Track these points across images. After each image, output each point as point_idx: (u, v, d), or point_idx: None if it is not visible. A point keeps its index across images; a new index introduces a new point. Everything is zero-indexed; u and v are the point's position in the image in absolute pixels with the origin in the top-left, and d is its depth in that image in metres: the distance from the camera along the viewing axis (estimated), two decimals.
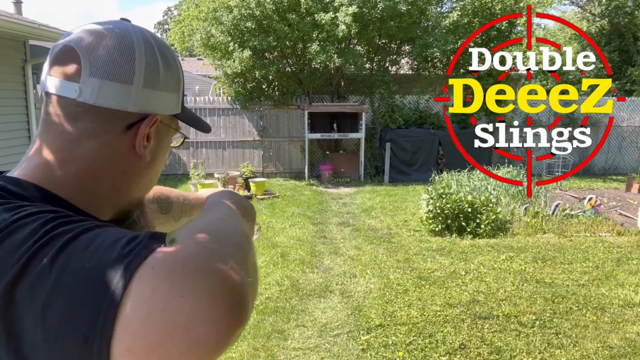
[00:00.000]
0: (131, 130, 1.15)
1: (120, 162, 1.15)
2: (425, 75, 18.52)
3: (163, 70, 1.18)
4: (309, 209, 13.05)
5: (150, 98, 1.16)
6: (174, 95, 1.23)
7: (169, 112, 1.23)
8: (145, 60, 1.14)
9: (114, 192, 1.17)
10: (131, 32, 1.16)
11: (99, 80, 1.10)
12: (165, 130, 1.24)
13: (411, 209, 12.93)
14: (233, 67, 16.58)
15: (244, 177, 15.56)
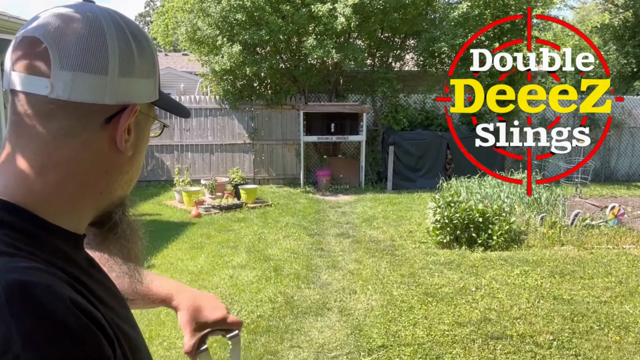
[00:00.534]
0: (110, 123, 1.15)
1: (101, 160, 1.15)
2: (432, 72, 18.56)
3: (137, 55, 1.17)
4: (305, 219, 13.05)
5: (127, 87, 1.15)
6: (151, 81, 1.22)
7: (147, 100, 1.23)
8: (118, 47, 1.13)
9: (96, 194, 1.17)
10: (99, 15, 1.14)
11: (71, 73, 1.09)
12: (145, 120, 1.24)
13: (417, 218, 12.93)
14: (221, 63, 16.60)
15: (233, 183, 15.57)
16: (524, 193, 12.24)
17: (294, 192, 17.02)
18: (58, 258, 1.08)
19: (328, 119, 17.55)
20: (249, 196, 14.76)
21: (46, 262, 1.03)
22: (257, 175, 18.71)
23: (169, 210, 14.06)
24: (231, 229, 12.03)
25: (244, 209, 14.09)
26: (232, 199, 14.56)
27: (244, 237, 11.20)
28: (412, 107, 19.00)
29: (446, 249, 10.25)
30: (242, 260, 9.55)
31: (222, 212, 13.75)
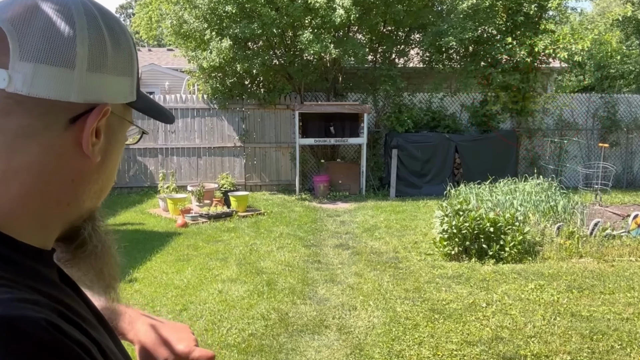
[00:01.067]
0: (76, 124, 1.09)
1: (66, 166, 1.10)
2: (439, 69, 18.59)
3: (111, 48, 1.13)
4: (301, 229, 13.05)
5: (98, 84, 1.11)
6: (127, 79, 1.18)
7: (122, 101, 1.18)
8: (88, 37, 1.09)
9: (63, 206, 1.12)
10: (69, 1, 1.10)
11: (32, 65, 1.04)
12: (118, 123, 1.19)
13: (422, 228, 12.95)
14: (210, 59, 16.61)
15: (222, 190, 15.57)
16: (538, 201, 12.26)
17: (289, 199, 17.03)
18: (38, 282, 1.04)
19: (326, 120, 17.57)
20: (240, 204, 14.77)
21: (29, 289, 1.00)
22: (248, 181, 18.73)
23: (152, 219, 14.05)
24: (220, 239, 12.02)
25: (235, 217, 14.09)
26: (221, 207, 14.57)
27: (234, 249, 11.20)
28: (417, 107, 19.04)
29: (454, 262, 10.26)
30: (232, 274, 9.55)
31: (210, 221, 13.75)
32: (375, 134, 18.91)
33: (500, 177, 14.78)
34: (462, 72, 18.28)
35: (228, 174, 16.91)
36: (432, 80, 18.70)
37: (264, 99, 18.27)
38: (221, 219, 13.92)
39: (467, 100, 19.35)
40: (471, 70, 17.94)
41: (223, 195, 15.32)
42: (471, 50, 18.91)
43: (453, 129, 18.36)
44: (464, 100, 19.36)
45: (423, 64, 19.40)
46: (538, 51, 17.45)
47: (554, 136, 19.60)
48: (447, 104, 19.35)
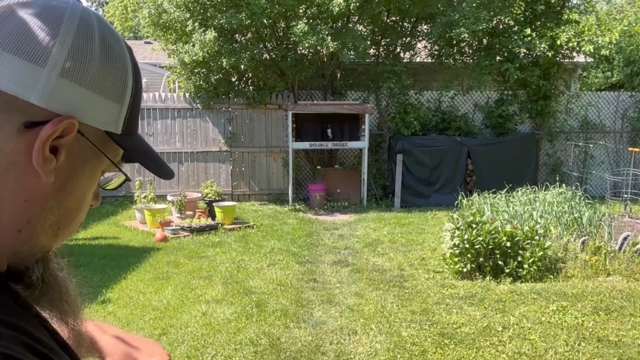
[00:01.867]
0: (31, 131, 1.05)
1: (19, 180, 1.07)
2: (449, 64, 18.65)
3: (99, 63, 1.11)
4: (294, 243, 13.07)
5: (69, 94, 1.08)
6: (112, 105, 1.15)
7: (99, 125, 1.14)
8: (72, 43, 1.08)
9: (12, 231, 1.09)
10: (69, 5, 1.11)
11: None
12: (90, 151, 1.15)
13: (430, 242, 12.96)
14: (192, 53, 16.62)
15: (206, 200, 15.58)
16: (561, 212, 12.28)
17: (281, 210, 17.05)
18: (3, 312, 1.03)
19: (322, 122, 17.60)
20: (226, 215, 14.78)
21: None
22: (235, 190, 18.75)
23: (128, 233, 14.05)
24: (204, 255, 12.03)
25: (220, 231, 14.10)
26: (205, 219, 14.58)
27: (219, 266, 11.21)
28: (424, 107, 19.07)
29: (466, 280, 10.27)
30: (217, 294, 9.56)
31: (193, 235, 13.76)
32: (378, 137, 18.94)
33: (518, 185, 14.79)
34: (475, 68, 18.32)
35: (213, 182, 16.90)
36: (442, 76, 18.76)
37: (253, 97, 18.30)
38: (205, 233, 13.93)
39: (481, 99, 19.40)
40: (485, 65, 17.96)
41: (207, 205, 15.33)
42: (485, 43, 18.96)
43: (465, 132, 18.40)
44: (478, 100, 19.41)
45: (431, 58, 19.45)
46: (560, 44, 17.48)
47: (578, 139, 19.65)
48: (458, 104, 19.38)
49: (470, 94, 19.27)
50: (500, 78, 19.10)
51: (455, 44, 18.44)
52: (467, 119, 18.98)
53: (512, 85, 18.78)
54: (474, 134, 18.64)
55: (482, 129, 19.13)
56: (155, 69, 28.01)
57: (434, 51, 19.18)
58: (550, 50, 17.56)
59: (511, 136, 18.59)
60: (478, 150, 17.84)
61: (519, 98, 19.07)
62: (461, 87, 19.60)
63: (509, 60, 18.14)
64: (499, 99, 19.23)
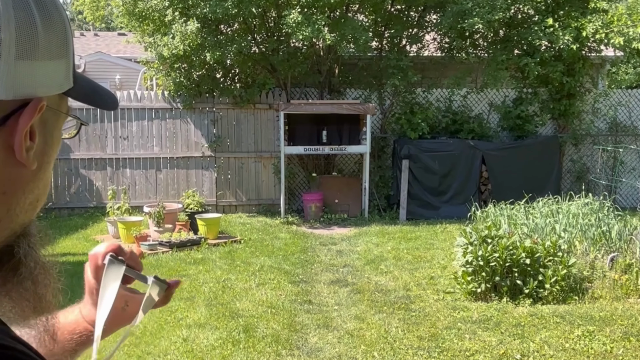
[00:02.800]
0: (6, 126, 1.09)
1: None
2: (462, 58, 18.65)
3: (42, 28, 1.11)
4: (287, 260, 13.08)
5: (29, 74, 1.09)
6: (62, 62, 1.18)
7: (57, 90, 1.18)
8: (15, 17, 1.07)
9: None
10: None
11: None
12: (54, 118, 1.21)
13: (440, 259, 12.98)
14: (172, 46, 16.61)
15: (188, 211, 15.58)
16: (587, 225, 12.28)
17: (272, 223, 17.06)
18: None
19: (318, 123, 17.61)
20: (210, 229, 14.79)
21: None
22: (221, 200, 18.77)
23: None
24: (185, 274, 12.04)
25: (203, 246, 14.11)
26: (186, 233, 14.58)
27: (202, 286, 11.22)
28: (433, 106, 19.07)
29: (481, 302, 10.29)
30: (200, 317, 9.57)
31: (173, 250, 13.76)
32: (381, 141, 18.97)
33: (538, 194, 14.79)
34: (490, 63, 18.32)
35: (195, 192, 16.91)
36: (453, 73, 18.76)
37: (240, 96, 18.30)
38: (186, 248, 13.93)
39: (497, 98, 19.43)
40: (502, 60, 17.97)
41: (189, 218, 15.33)
42: (502, 34, 18.99)
43: (479, 135, 18.41)
44: (493, 99, 19.44)
45: (441, 52, 19.49)
46: (586, 36, 17.48)
47: (606, 143, 19.66)
48: (471, 103, 19.41)
49: (485, 92, 19.29)
50: (518, 74, 19.12)
51: (468, 35, 18.46)
52: (481, 120, 19.00)
53: (532, 82, 18.80)
54: (489, 137, 18.66)
55: (499, 131, 19.15)
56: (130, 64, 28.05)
57: (444, 44, 19.22)
58: (575, 42, 17.54)
59: (531, 139, 18.60)
60: (494, 156, 17.86)
61: (539, 97, 19.09)
62: (475, 85, 19.62)
63: (529, 54, 18.13)
64: (517, 97, 19.24)
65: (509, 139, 18.97)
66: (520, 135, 18.84)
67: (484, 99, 19.43)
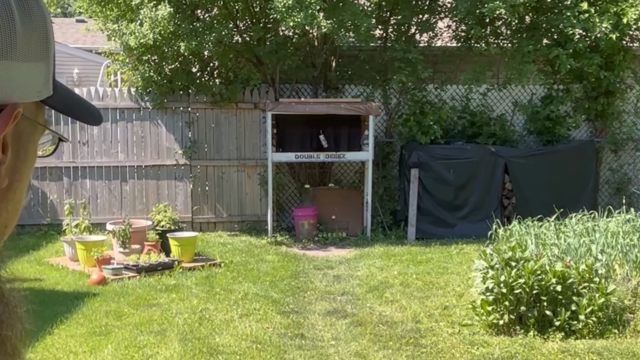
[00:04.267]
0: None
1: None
2: (481, 49, 18.65)
3: (21, 23, 1.10)
4: (275, 287, 13.08)
5: (3, 76, 1.08)
6: (41, 66, 1.17)
7: (35, 97, 1.16)
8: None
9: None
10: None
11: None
12: (30, 129, 1.19)
13: (455, 286, 13.00)
14: (140, 34, 16.62)
15: (159, 229, 15.56)
16: (629, 246, 12.27)
17: (258, 243, 17.06)
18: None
19: (312, 126, 17.62)
20: (185, 250, 14.78)
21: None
22: (197, 216, 18.78)
23: (54, 273, 14.04)
24: (156, 303, 12.05)
25: (177, 270, 14.10)
26: (156, 255, 14.57)
27: (176, 317, 11.23)
28: (448, 106, 19.08)
29: (503, 336, 10.30)
30: (173, 354, 9.58)
31: (141, 275, 13.75)
32: (386, 147, 19.00)
33: (571, 209, 14.78)
34: (515, 55, 18.33)
35: (167, 206, 16.91)
36: (471, 66, 18.71)
37: (220, 94, 18.30)
38: (157, 273, 13.93)
39: (523, 96, 19.46)
40: (529, 51, 17.97)
41: (160, 237, 15.31)
42: (529, 21, 19.03)
43: (501, 139, 18.43)
44: (518, 97, 19.48)
45: (457, 42, 19.51)
46: (628, 23, 17.49)
47: None
48: (492, 102, 19.43)
49: (508, 89, 19.30)
50: (548, 68, 19.11)
51: (489, 22, 18.48)
52: (504, 122, 19.02)
53: (564, 77, 18.82)
54: (514, 142, 18.70)
55: (524, 135, 19.18)
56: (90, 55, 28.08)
57: (460, 32, 19.25)
58: (614, 31, 17.55)
59: (562, 145, 18.62)
60: (518, 164, 17.88)
61: (572, 94, 19.10)
62: (496, 80, 19.62)
63: (560, 45, 18.13)
64: (546, 95, 19.26)
65: (536, 144, 19.00)
66: (550, 139, 18.85)
67: (507, 98, 19.47)
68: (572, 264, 10.79)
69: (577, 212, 14.19)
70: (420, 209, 17.59)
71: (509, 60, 18.50)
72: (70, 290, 12.87)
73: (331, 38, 17.90)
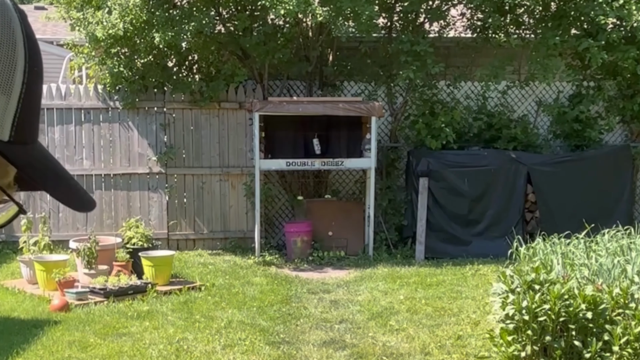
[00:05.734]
0: None
1: None
2: (499, 40, 18.68)
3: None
4: (263, 314, 13.09)
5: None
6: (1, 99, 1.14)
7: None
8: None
9: None
10: None
11: None
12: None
13: (471, 313, 13.01)
14: (108, 24, 16.64)
15: (130, 247, 15.55)
16: None
17: (243, 263, 17.07)
18: None
19: (306, 129, 17.65)
20: (160, 271, 14.78)
21: None
22: (174, 232, 18.80)
23: (10, 298, 14.05)
24: (126, 332, 12.05)
25: (150, 294, 14.09)
26: (127, 277, 14.57)
27: (149, 348, 11.23)
28: (462, 105, 19.09)
29: None
30: None
31: (109, 300, 13.74)
32: (391, 153, 19.03)
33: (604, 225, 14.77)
34: (538, 47, 18.35)
35: (139, 221, 16.87)
36: (488, 60, 18.74)
37: (200, 92, 18.32)
38: (128, 297, 13.93)
39: (548, 94, 19.49)
40: (555, 43, 17.98)
41: (131, 256, 15.31)
42: (555, 9, 19.05)
43: (523, 144, 18.44)
44: (543, 95, 19.50)
45: (472, 32, 19.55)
46: None
47: None
48: (513, 101, 19.46)
49: (531, 86, 19.31)
50: (577, 62, 19.13)
51: (509, 10, 18.50)
52: (526, 124, 19.05)
53: (595, 73, 18.86)
54: (537, 147, 18.72)
55: (550, 139, 19.21)
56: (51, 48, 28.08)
57: (476, 21, 19.28)
58: None
59: (594, 150, 18.64)
60: (543, 172, 17.89)
61: (605, 93, 19.11)
62: (518, 77, 19.64)
63: (591, 36, 18.15)
64: (575, 94, 19.27)
65: (563, 149, 19.03)
66: (579, 144, 18.88)
67: (530, 96, 19.50)
68: (604, 288, 10.80)
69: (610, 227, 14.18)
70: (430, 224, 17.62)
71: (532, 53, 18.54)
72: (28, 318, 12.86)
73: (328, 28, 17.94)
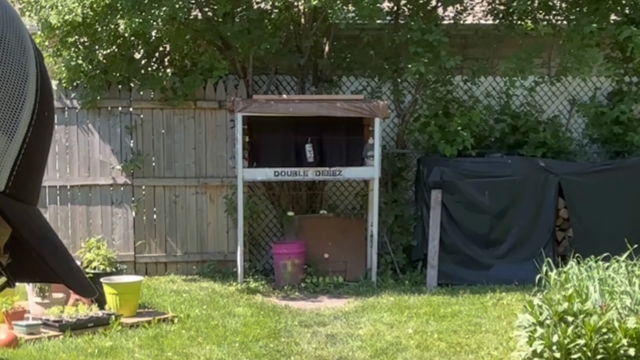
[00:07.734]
0: None
1: None
2: (526, 28, 18.71)
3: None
4: (247, 350, 13.13)
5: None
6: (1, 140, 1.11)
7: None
8: None
9: None
10: None
11: None
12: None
13: (492, 348, 13.07)
14: (65, 9, 16.68)
15: (90, 272, 15.59)
16: None
17: (224, 291, 17.09)
18: None
19: (298, 132, 17.66)
20: (125, 300, 14.81)
21: None
22: (142, 254, 18.82)
23: None
24: None
25: (114, 327, 14.12)
26: (87, 307, 14.60)
27: None
28: (481, 105, 19.11)
29: None
30: None
31: (65, 334, 13.77)
32: (398, 160, 19.07)
33: None
34: (572, 36, 18.35)
35: (101, 241, 16.88)
36: (513, 51, 18.74)
37: (173, 88, 18.37)
38: (87, 331, 13.96)
39: (583, 92, 19.54)
40: (591, 31, 17.99)
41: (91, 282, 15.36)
42: None
43: (554, 150, 18.44)
44: (577, 93, 19.54)
45: (494, 18, 19.58)
46: None
47: None
48: (542, 100, 19.48)
49: (563, 82, 19.32)
50: (617, 54, 19.14)
51: None
52: (557, 127, 19.07)
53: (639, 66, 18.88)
54: (570, 153, 18.74)
55: (585, 145, 19.24)
56: None
57: (499, 5, 19.30)
58: None
59: (637, 158, 18.61)
60: (577, 184, 17.90)
61: None
62: (547, 71, 19.66)
63: (634, 22, 18.19)
64: (615, 91, 19.28)
65: (601, 156, 19.05)
66: (620, 150, 18.86)
67: (562, 94, 19.54)
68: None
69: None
70: (443, 245, 17.65)
71: (565, 43, 18.54)
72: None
73: (323, 13, 17.94)
